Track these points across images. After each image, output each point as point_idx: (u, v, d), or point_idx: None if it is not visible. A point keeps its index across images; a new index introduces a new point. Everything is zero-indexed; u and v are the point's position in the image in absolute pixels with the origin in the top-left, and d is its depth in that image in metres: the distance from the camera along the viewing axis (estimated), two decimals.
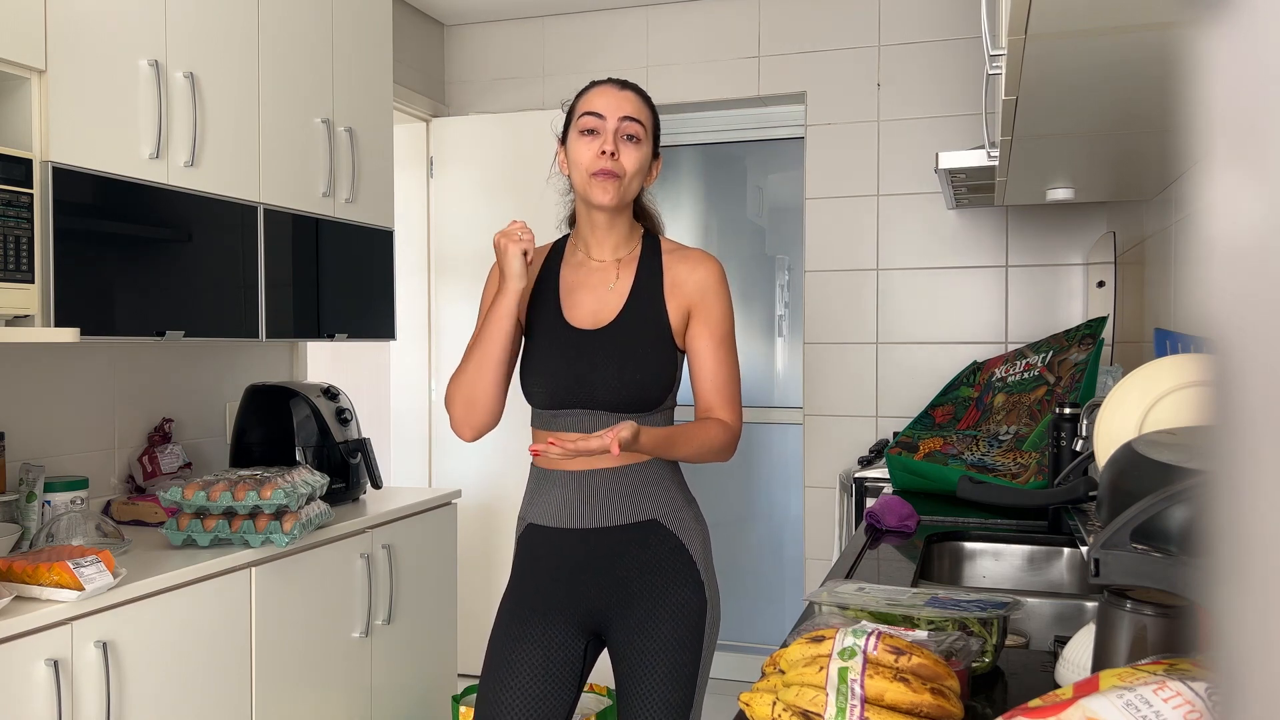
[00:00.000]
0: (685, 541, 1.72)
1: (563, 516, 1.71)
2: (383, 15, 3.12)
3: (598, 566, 1.70)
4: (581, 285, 1.78)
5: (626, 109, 1.74)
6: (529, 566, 1.76)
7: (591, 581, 1.71)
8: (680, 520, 1.73)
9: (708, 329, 1.73)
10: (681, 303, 1.74)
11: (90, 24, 2.10)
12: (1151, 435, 1.21)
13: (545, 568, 1.73)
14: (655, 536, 1.70)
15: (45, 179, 1.99)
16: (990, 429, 2.77)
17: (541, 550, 1.74)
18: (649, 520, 1.70)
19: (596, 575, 1.70)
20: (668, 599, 1.69)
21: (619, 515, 1.69)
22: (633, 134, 1.73)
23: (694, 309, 1.74)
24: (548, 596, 1.73)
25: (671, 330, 1.73)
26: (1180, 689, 0.80)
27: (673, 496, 1.74)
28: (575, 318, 1.75)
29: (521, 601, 1.75)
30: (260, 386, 2.80)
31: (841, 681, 1.02)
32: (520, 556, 1.78)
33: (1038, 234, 3.53)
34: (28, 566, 1.82)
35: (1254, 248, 0.23)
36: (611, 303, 1.75)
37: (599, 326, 1.73)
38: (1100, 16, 1.24)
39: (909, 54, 3.62)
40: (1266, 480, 0.23)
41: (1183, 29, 1.28)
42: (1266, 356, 0.23)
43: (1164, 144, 2.04)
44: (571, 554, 1.71)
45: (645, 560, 1.70)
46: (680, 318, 1.74)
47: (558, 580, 1.72)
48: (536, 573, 1.74)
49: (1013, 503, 2.28)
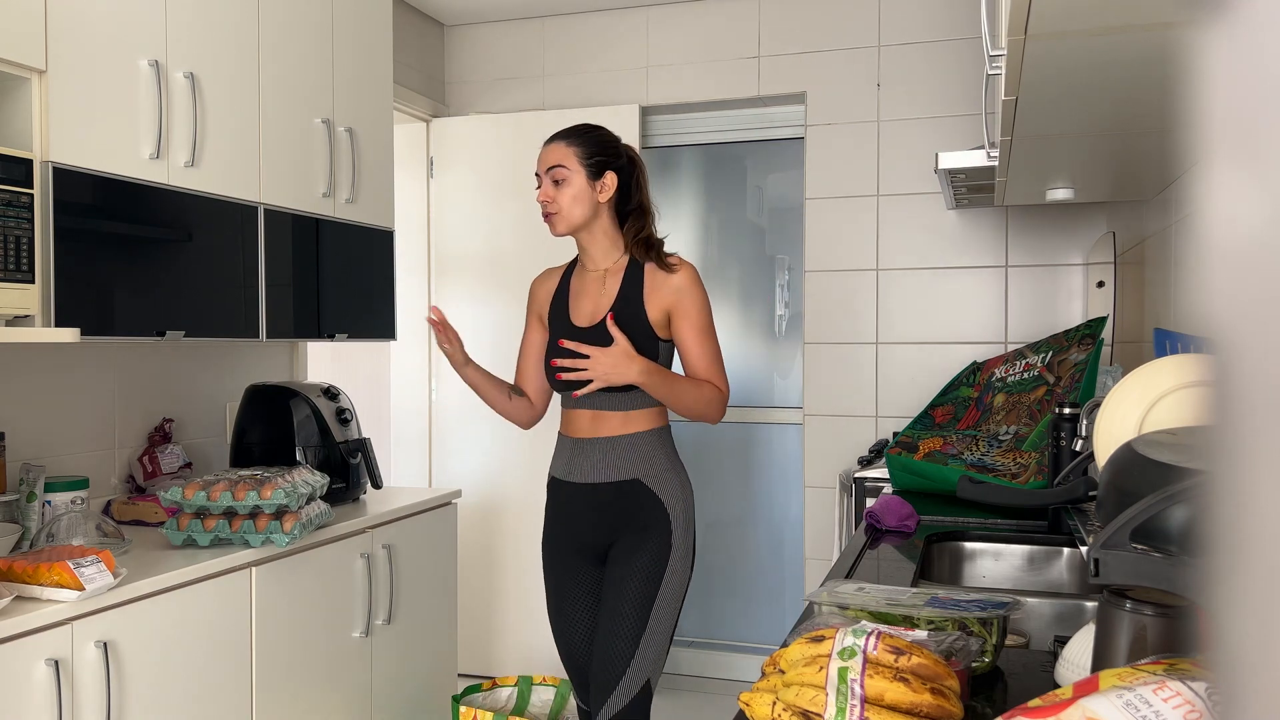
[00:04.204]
0: (662, 497, 2.16)
1: (573, 472, 2.21)
2: (383, 15, 3.12)
3: (595, 512, 2.19)
4: (583, 291, 2.25)
5: (550, 160, 2.19)
6: (553, 510, 2.28)
7: (591, 523, 2.20)
8: (661, 480, 2.17)
9: (689, 322, 2.16)
10: (660, 304, 2.16)
11: (90, 24, 2.10)
12: (1151, 435, 1.21)
13: (563, 512, 2.25)
14: (637, 491, 2.16)
15: (45, 179, 1.99)
16: (990, 429, 2.77)
17: (559, 498, 2.26)
18: (633, 479, 2.16)
19: (594, 518, 2.19)
20: (643, 540, 2.15)
21: (611, 474, 2.17)
22: (558, 178, 2.18)
23: (674, 309, 2.16)
24: (570, 535, 2.24)
25: (651, 325, 2.16)
26: (1180, 689, 0.80)
27: (657, 462, 2.18)
28: (578, 317, 2.23)
29: (554, 538, 2.28)
30: (260, 386, 2.80)
31: (841, 681, 1.02)
32: (548, 502, 2.30)
33: (1038, 234, 3.53)
34: (28, 566, 1.81)
35: (1253, 248, 0.23)
36: (603, 304, 2.19)
37: (594, 323, 2.18)
38: (1100, 16, 1.24)
39: (909, 54, 3.62)
40: (1266, 480, 0.23)
41: (1183, 29, 1.28)
42: (1266, 356, 0.23)
43: (1164, 144, 2.04)
44: (580, 503, 2.21)
45: (628, 509, 2.16)
46: (660, 315, 2.16)
47: (572, 522, 2.23)
48: (558, 515, 2.26)
49: (1013, 503, 2.28)
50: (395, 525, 2.76)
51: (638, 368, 2.07)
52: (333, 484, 2.71)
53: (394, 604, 2.73)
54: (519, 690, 3.02)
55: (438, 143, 4.04)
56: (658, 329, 2.17)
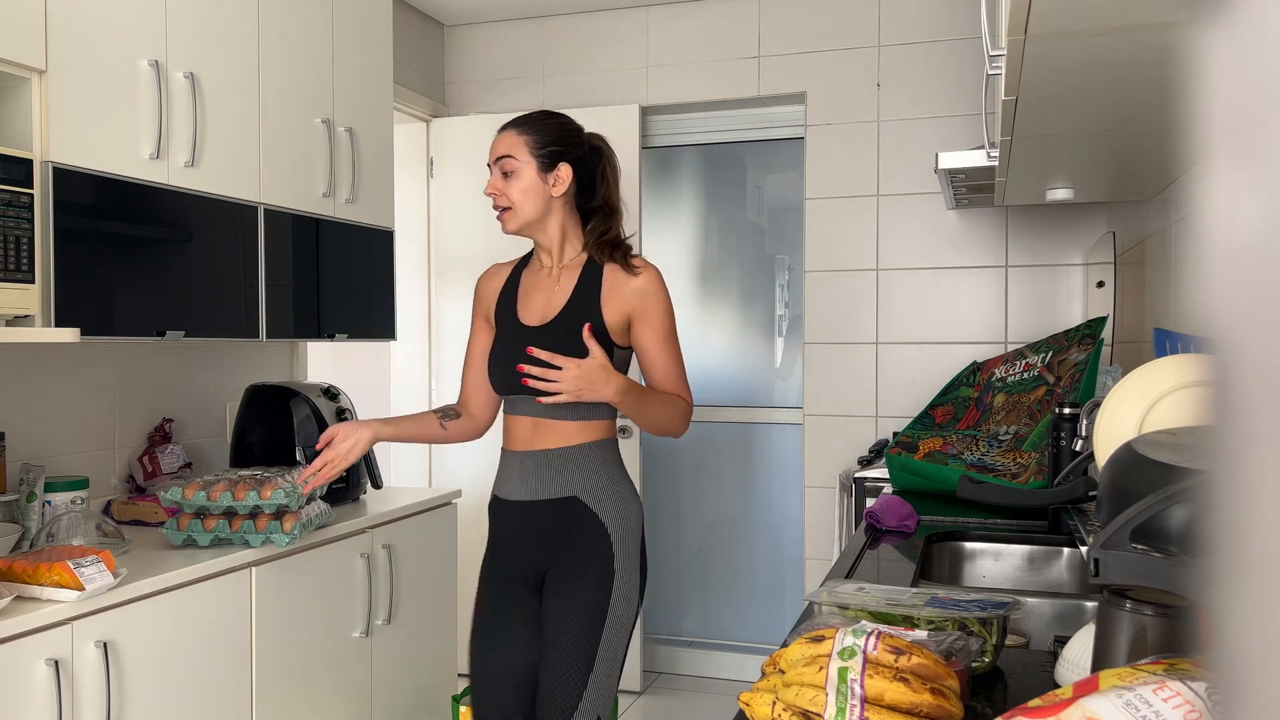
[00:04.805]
0: (603, 517, 1.98)
1: (512, 490, 2.03)
2: (383, 15, 3.12)
3: (535, 536, 2.01)
4: (534, 288, 2.07)
5: (499, 150, 2.01)
6: (494, 535, 2.09)
7: (527, 546, 2.02)
8: (601, 498, 1.99)
9: (650, 329, 1.99)
10: (619, 307, 1.98)
11: (90, 24, 2.10)
12: (1151, 435, 1.21)
13: (503, 536, 2.06)
14: (574, 511, 1.98)
15: (45, 179, 1.99)
16: (990, 429, 2.77)
17: (499, 521, 2.07)
18: (570, 497, 1.98)
19: (534, 543, 2.01)
20: (582, 567, 1.96)
21: (548, 491, 1.99)
22: (507, 170, 1.99)
23: (634, 314, 1.99)
24: (508, 561, 2.05)
25: (607, 328, 1.98)
26: (1180, 689, 0.80)
27: (599, 478, 1.99)
28: (526, 316, 2.04)
29: (492, 566, 2.08)
30: (260, 386, 2.80)
31: (841, 681, 1.02)
32: (490, 526, 2.10)
33: (1038, 234, 3.53)
34: (28, 566, 1.81)
35: (1253, 248, 0.23)
36: (556, 302, 2.02)
37: (544, 323, 2.00)
38: (1100, 16, 1.24)
39: (909, 54, 3.62)
40: (1266, 480, 0.23)
41: (1183, 29, 1.28)
42: (1266, 356, 0.23)
43: (1164, 144, 2.04)
44: (517, 524, 2.02)
45: (565, 531, 1.98)
46: (618, 318, 1.98)
47: (511, 547, 2.04)
48: (498, 541, 2.07)
49: (1013, 503, 2.28)
50: (395, 525, 2.76)
51: (615, 386, 1.87)
52: (333, 484, 2.71)
53: (394, 604, 2.73)
54: None
55: (438, 143, 4.04)
56: (614, 334, 1.98)
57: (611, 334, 1.98)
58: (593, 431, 1.99)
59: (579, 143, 2.03)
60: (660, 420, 1.98)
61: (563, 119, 2.05)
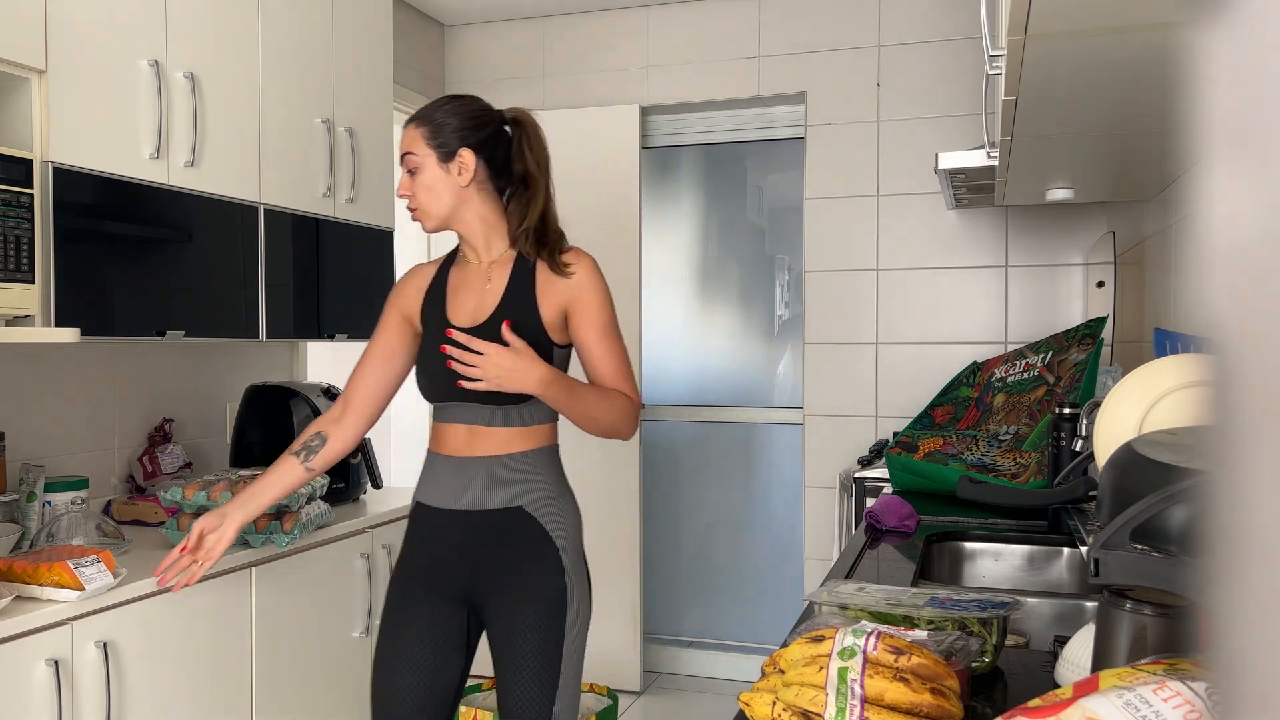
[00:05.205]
0: (550, 529, 1.85)
1: (444, 498, 1.87)
2: (383, 15, 3.12)
3: (470, 547, 1.85)
4: (464, 286, 1.92)
5: (401, 148, 1.88)
6: (415, 543, 1.91)
7: (466, 561, 1.85)
8: (547, 509, 1.86)
9: (589, 322, 1.85)
10: (555, 300, 1.85)
11: (90, 24, 2.10)
12: (1151, 435, 1.21)
13: (428, 545, 1.88)
14: (521, 523, 1.84)
15: (45, 179, 1.99)
16: (990, 429, 2.77)
17: (425, 528, 1.89)
18: (515, 507, 1.84)
19: (470, 555, 1.85)
20: (532, 583, 1.83)
21: (490, 500, 1.84)
22: (411, 168, 1.86)
23: (571, 306, 1.85)
24: (431, 572, 1.88)
25: (543, 325, 1.84)
26: (1180, 689, 0.80)
27: (544, 486, 1.86)
28: (457, 316, 1.89)
29: (409, 577, 1.90)
30: (260, 386, 2.80)
31: (841, 681, 1.02)
32: (409, 533, 1.93)
33: (1038, 234, 3.53)
34: (28, 566, 1.81)
35: (1253, 248, 0.23)
36: (488, 301, 1.87)
37: (477, 324, 1.86)
38: (1100, 16, 1.24)
39: (909, 54, 3.62)
40: (1266, 480, 0.23)
41: (1183, 29, 1.28)
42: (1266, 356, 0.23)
43: (1164, 144, 2.04)
44: (449, 534, 1.86)
45: (511, 545, 1.84)
46: (555, 314, 1.85)
47: (437, 557, 1.87)
48: (421, 549, 1.89)
49: (1013, 503, 2.28)
50: (395, 525, 2.75)
51: (539, 374, 1.73)
52: (332, 484, 2.71)
53: None
54: None
55: None
56: (552, 331, 1.85)
57: (549, 331, 1.85)
58: (534, 438, 1.86)
59: (484, 123, 1.86)
60: (600, 418, 1.82)
61: (463, 102, 1.88)
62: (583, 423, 1.82)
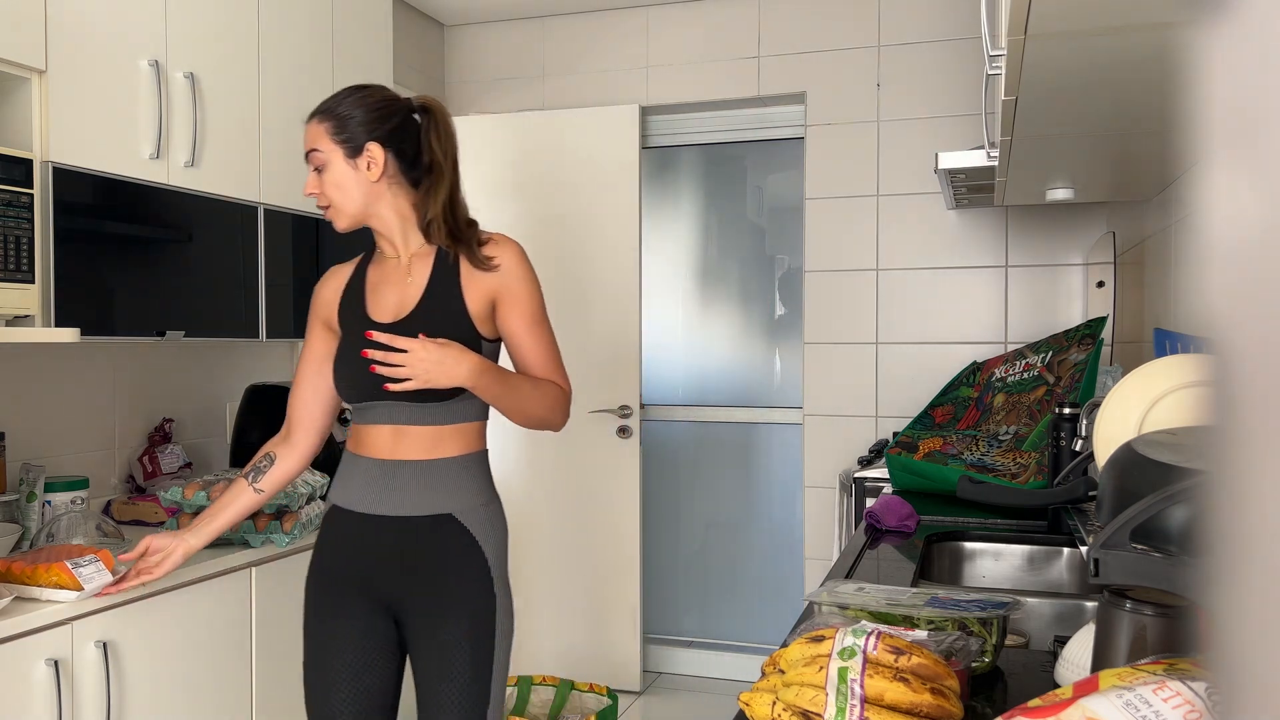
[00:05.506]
0: (480, 539, 1.76)
1: (364, 502, 1.76)
2: (383, 15, 3.12)
3: (393, 555, 1.74)
4: (384, 281, 1.82)
5: (305, 145, 1.80)
6: (330, 549, 1.80)
7: (387, 569, 1.75)
8: (477, 518, 1.76)
9: (517, 311, 1.77)
10: (481, 291, 1.76)
11: (90, 24, 2.10)
12: (1151, 435, 1.21)
13: (346, 552, 1.78)
14: (449, 531, 1.74)
15: (45, 179, 1.99)
16: (990, 429, 2.77)
17: (342, 534, 1.78)
18: (444, 514, 1.74)
19: (391, 564, 1.74)
20: (459, 596, 1.73)
21: (416, 506, 1.74)
22: (316, 165, 1.78)
23: (498, 295, 1.77)
24: (349, 579, 1.77)
25: (470, 318, 1.75)
26: (1180, 689, 0.80)
27: (474, 493, 1.77)
28: (378, 312, 1.80)
29: (329, 586, 1.79)
30: (260, 386, 2.80)
31: (841, 681, 1.02)
32: (322, 537, 1.82)
33: (1038, 234, 3.53)
34: (26, 568, 1.81)
35: (1253, 247, 0.23)
36: (411, 295, 1.78)
37: (399, 318, 1.77)
38: (1100, 16, 1.24)
39: (909, 54, 3.62)
40: (1266, 480, 0.23)
41: (1183, 29, 1.28)
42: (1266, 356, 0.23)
43: (1164, 144, 2.04)
44: (369, 540, 1.75)
45: (438, 554, 1.74)
46: (482, 304, 1.76)
47: (359, 565, 1.76)
48: (339, 556, 1.78)
49: (1013, 503, 2.28)
50: None
51: (468, 365, 1.64)
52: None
53: None
54: (519, 690, 3.02)
55: None
56: (480, 325, 1.76)
57: (476, 323, 1.75)
58: (464, 441, 1.77)
59: (390, 114, 1.79)
60: (532, 409, 1.75)
61: (367, 92, 1.81)
62: (515, 415, 1.75)
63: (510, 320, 1.77)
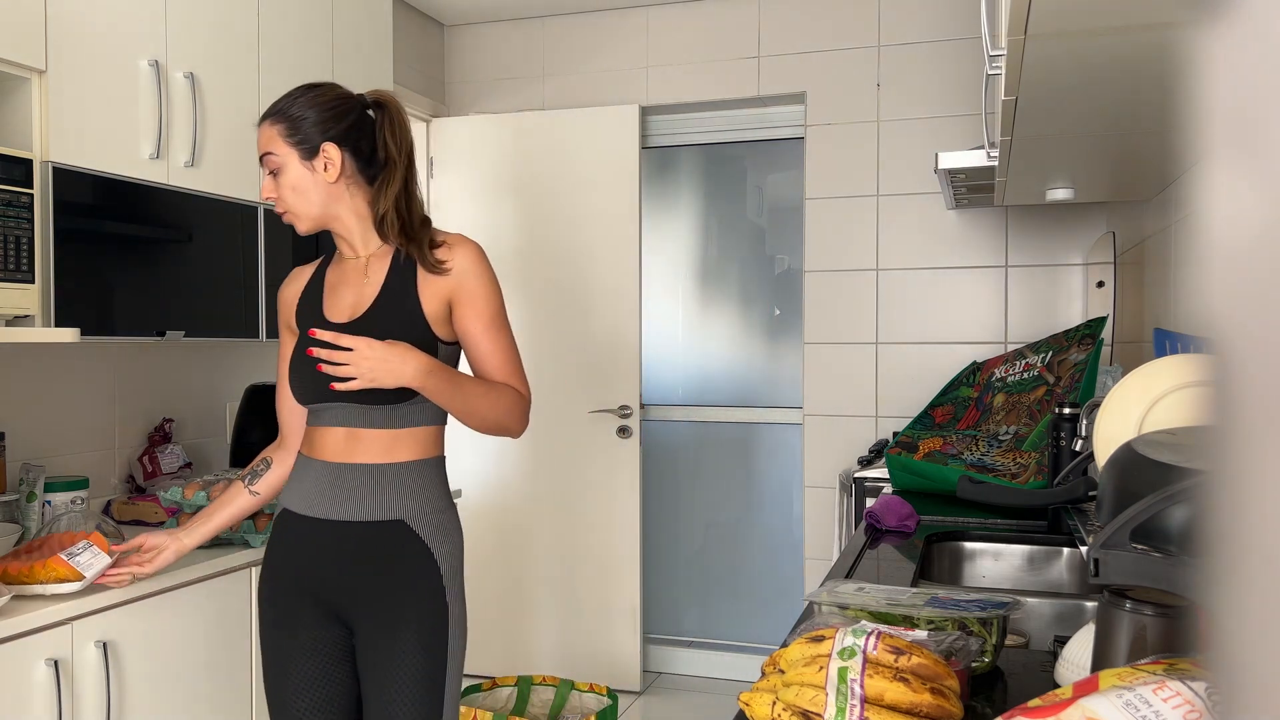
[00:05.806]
0: (432, 547, 1.72)
1: (315, 505, 1.72)
2: (383, 15, 3.12)
3: (343, 560, 1.70)
4: (341, 282, 1.80)
5: (259, 148, 1.76)
6: (282, 552, 1.76)
7: (337, 575, 1.71)
8: (430, 524, 1.73)
9: (474, 312, 1.74)
10: (438, 291, 1.73)
11: (90, 24, 2.10)
12: (1151, 435, 1.21)
13: (297, 557, 1.74)
14: (401, 538, 1.70)
15: (45, 179, 1.99)
16: (990, 429, 2.77)
17: (292, 538, 1.75)
18: (396, 520, 1.71)
19: (341, 569, 1.71)
20: (411, 604, 1.69)
21: (367, 511, 1.70)
22: (272, 168, 1.74)
23: (455, 296, 1.73)
24: (299, 585, 1.73)
25: (426, 319, 1.72)
26: (1180, 689, 0.80)
27: (428, 499, 1.74)
28: (334, 313, 1.77)
29: (281, 592, 1.75)
30: (260, 386, 2.80)
31: (841, 681, 1.02)
32: (273, 542, 1.79)
33: (1037, 234, 3.53)
34: (23, 569, 1.81)
35: (1253, 247, 0.23)
36: (367, 294, 1.75)
37: (355, 318, 1.74)
38: (1100, 16, 1.24)
39: (909, 54, 3.62)
40: (1266, 480, 0.23)
41: (1183, 29, 1.28)
42: (1266, 356, 0.23)
43: (1164, 144, 2.04)
44: (318, 545, 1.72)
45: (389, 561, 1.70)
46: (437, 305, 1.73)
47: (310, 570, 1.72)
48: (289, 561, 1.75)
49: (1013, 503, 2.28)
50: None
51: (415, 365, 1.61)
52: None
53: None
54: (519, 690, 3.02)
55: (438, 143, 4.04)
56: (436, 326, 1.72)
57: (432, 325, 1.72)
58: (419, 446, 1.74)
59: (344, 112, 1.74)
60: (486, 413, 1.71)
61: (320, 90, 1.75)
62: (467, 418, 1.71)
63: (466, 322, 1.74)
